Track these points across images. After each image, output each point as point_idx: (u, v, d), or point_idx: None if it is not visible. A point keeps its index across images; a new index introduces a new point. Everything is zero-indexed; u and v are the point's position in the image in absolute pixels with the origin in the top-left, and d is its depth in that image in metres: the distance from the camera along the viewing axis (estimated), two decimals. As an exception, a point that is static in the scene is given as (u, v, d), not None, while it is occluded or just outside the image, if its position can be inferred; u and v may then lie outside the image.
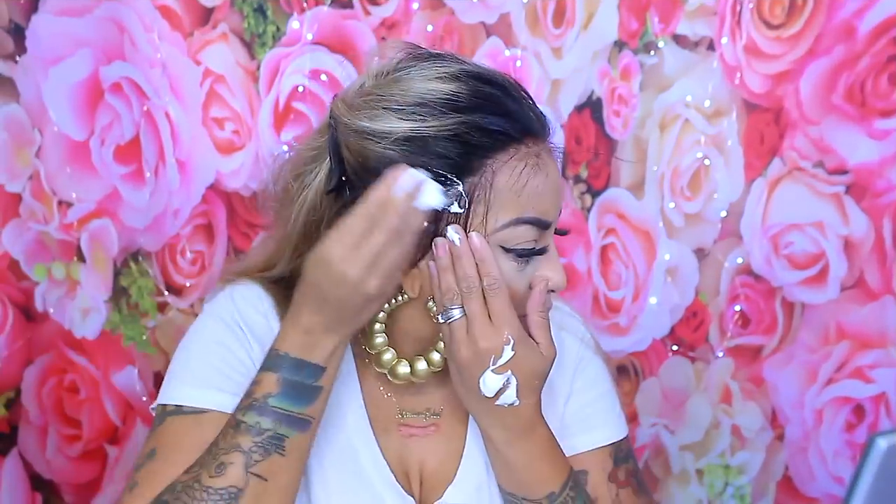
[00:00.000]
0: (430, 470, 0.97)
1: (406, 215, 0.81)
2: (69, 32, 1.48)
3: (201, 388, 0.90)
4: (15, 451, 1.59)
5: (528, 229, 0.87)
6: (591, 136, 1.63)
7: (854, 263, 1.68)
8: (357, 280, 0.81)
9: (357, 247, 0.81)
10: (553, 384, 0.98)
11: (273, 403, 0.82)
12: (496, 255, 0.87)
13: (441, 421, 0.98)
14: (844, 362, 1.72)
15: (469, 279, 0.85)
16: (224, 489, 0.80)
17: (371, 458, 0.95)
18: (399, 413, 0.97)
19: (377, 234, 0.81)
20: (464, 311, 0.86)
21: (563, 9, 1.58)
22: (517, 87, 0.90)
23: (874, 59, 1.60)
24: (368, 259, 0.81)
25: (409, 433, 0.97)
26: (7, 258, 1.52)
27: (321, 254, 0.82)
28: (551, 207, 0.89)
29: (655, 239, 1.67)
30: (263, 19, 1.52)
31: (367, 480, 0.94)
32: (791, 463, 1.77)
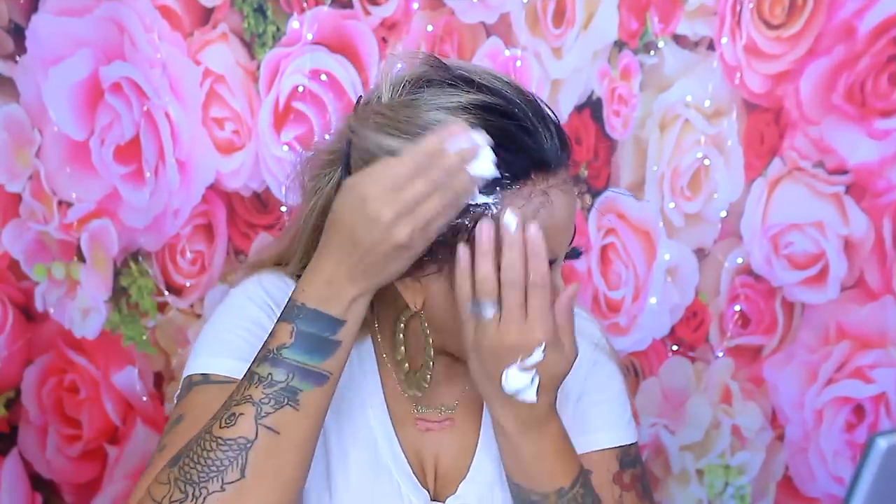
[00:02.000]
0: (445, 465, 0.98)
1: (455, 173, 0.78)
2: (69, 32, 1.48)
3: (229, 358, 0.89)
4: (15, 451, 1.59)
5: None
6: (591, 136, 1.63)
7: (854, 263, 1.68)
8: (389, 223, 0.76)
9: (397, 189, 0.77)
10: (565, 384, 0.97)
11: (287, 355, 0.79)
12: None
13: (456, 415, 0.99)
14: (844, 362, 1.72)
15: (516, 270, 0.82)
16: (233, 439, 0.78)
17: (390, 450, 0.96)
18: (415, 407, 0.98)
19: (420, 183, 0.77)
20: (497, 308, 0.83)
21: (563, 9, 1.58)
22: (535, 113, 0.85)
23: (874, 59, 1.60)
24: (405, 204, 0.76)
25: (425, 427, 0.98)
26: (7, 258, 1.52)
27: (357, 190, 0.78)
28: (555, 246, 0.85)
29: (655, 239, 1.67)
30: (263, 19, 1.52)
31: (385, 470, 0.95)
32: (791, 463, 1.77)
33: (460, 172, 0.78)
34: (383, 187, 0.77)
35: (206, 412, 0.83)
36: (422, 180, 0.77)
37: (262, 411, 0.78)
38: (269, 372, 0.79)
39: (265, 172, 1.56)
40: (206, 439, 0.79)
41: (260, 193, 1.57)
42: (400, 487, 0.96)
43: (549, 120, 0.86)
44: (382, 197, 0.76)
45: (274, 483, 0.78)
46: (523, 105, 0.84)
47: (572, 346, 0.87)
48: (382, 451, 0.96)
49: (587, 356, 1.02)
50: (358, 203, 0.78)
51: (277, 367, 0.79)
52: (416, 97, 0.85)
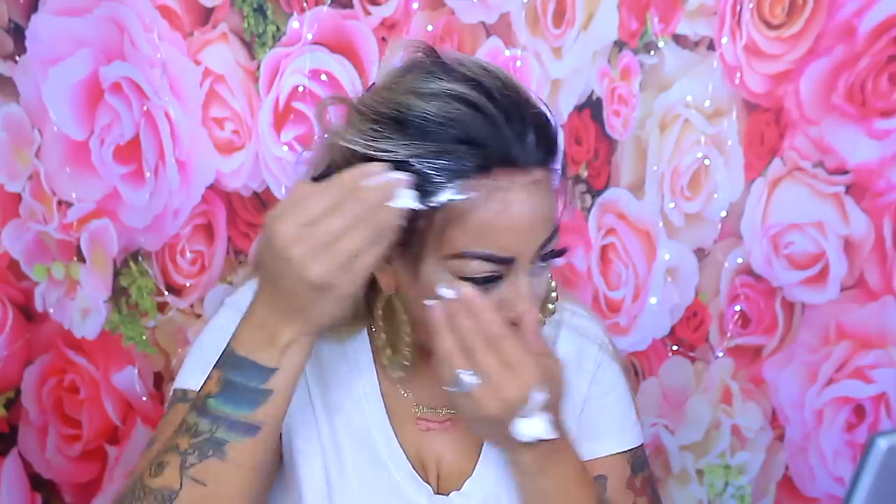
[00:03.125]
0: (448, 464, 0.98)
1: (375, 208, 0.75)
2: (69, 32, 1.48)
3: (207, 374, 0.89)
4: (15, 451, 1.59)
5: (481, 263, 0.83)
6: (591, 136, 1.63)
7: (854, 263, 1.68)
8: (301, 261, 0.73)
9: (309, 225, 0.74)
10: (570, 389, 0.97)
11: (212, 405, 0.77)
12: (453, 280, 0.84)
13: (457, 416, 0.98)
14: (844, 362, 1.72)
15: (472, 333, 0.80)
16: (158, 490, 0.75)
17: (387, 447, 0.95)
18: (415, 407, 0.98)
19: (336, 218, 0.74)
20: (475, 374, 0.80)
21: (563, 9, 1.58)
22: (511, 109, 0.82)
23: (874, 59, 1.60)
24: (319, 242, 0.73)
25: (426, 427, 0.98)
26: (7, 258, 1.52)
27: (269, 228, 0.75)
28: (514, 244, 0.83)
29: (655, 239, 1.67)
30: (263, 19, 1.52)
31: (383, 467, 0.95)
32: (791, 463, 1.77)
33: (381, 207, 0.76)
34: (294, 224, 0.74)
35: None
36: (338, 215, 0.74)
37: (186, 462, 0.76)
38: (195, 421, 0.77)
39: (265, 172, 1.56)
40: (137, 487, 0.77)
41: (260, 193, 1.57)
42: (399, 484, 0.95)
43: (529, 118, 0.84)
44: (292, 234, 0.73)
45: None
46: (500, 99, 0.82)
47: (556, 360, 0.86)
48: (380, 448, 0.95)
49: (591, 358, 1.01)
50: (269, 241, 0.75)
51: (203, 416, 0.77)
52: (397, 81, 0.85)
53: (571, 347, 1.01)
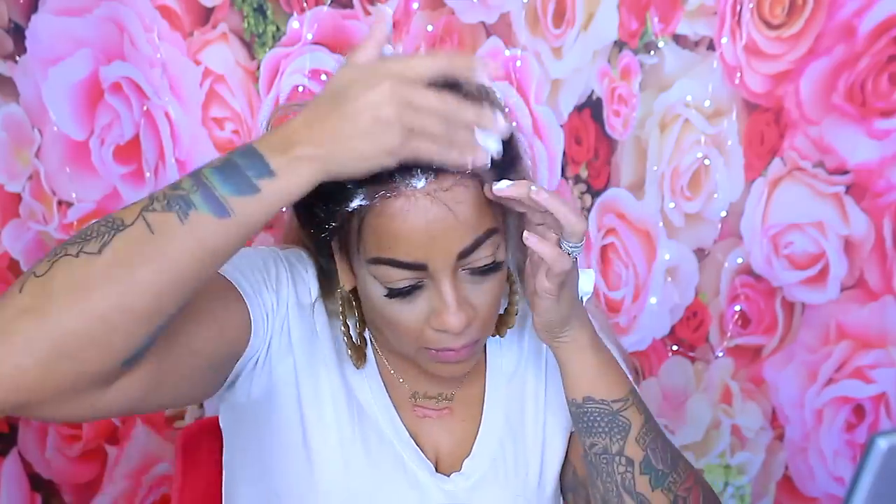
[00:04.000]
0: (446, 451, 1.00)
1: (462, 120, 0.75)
2: (69, 32, 1.48)
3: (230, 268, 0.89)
4: (15, 451, 1.59)
5: (395, 270, 0.84)
6: (591, 136, 1.63)
7: (854, 263, 1.68)
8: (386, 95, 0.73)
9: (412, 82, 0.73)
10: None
11: (206, 172, 0.75)
12: (374, 288, 0.87)
13: (454, 405, 1.01)
14: (844, 362, 1.72)
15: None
16: (113, 218, 0.74)
17: (391, 425, 0.97)
18: (412, 396, 1.00)
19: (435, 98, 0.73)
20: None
21: (563, 9, 1.58)
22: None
23: (874, 59, 1.60)
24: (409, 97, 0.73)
25: (423, 414, 1.00)
26: (7, 258, 1.52)
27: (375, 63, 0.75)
28: (419, 251, 0.83)
29: (655, 239, 1.67)
30: (263, 19, 1.52)
31: (388, 443, 0.97)
32: (791, 463, 1.77)
33: (468, 128, 0.75)
34: (401, 69, 0.74)
35: None
36: (440, 97, 0.74)
37: (151, 205, 0.74)
38: (182, 179, 0.76)
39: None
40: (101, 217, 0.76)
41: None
42: (403, 460, 0.97)
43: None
44: (396, 76, 0.73)
45: (122, 276, 0.72)
46: None
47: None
48: (383, 425, 0.97)
49: None
50: (366, 69, 0.74)
51: (192, 177, 0.75)
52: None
53: None
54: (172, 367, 0.81)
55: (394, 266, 0.84)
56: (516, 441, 1.01)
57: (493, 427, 1.00)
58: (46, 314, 0.71)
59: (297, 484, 0.96)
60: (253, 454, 0.98)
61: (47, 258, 0.73)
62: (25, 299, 0.71)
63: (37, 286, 0.72)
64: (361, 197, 0.82)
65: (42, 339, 0.70)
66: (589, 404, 0.92)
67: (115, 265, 0.72)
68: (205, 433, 1.18)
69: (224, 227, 0.74)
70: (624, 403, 0.92)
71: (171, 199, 0.74)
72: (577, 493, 1.03)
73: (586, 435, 0.93)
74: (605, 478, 0.92)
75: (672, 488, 0.93)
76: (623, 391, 0.93)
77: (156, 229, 0.73)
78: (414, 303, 0.87)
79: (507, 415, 1.01)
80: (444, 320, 0.86)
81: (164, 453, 1.62)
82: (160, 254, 0.73)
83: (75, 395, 0.73)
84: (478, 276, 0.87)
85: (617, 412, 0.92)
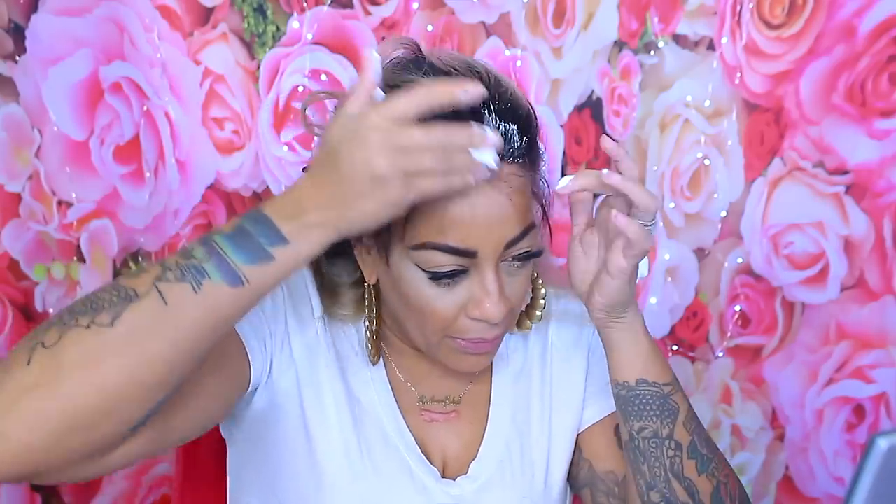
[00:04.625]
0: (452, 454, 0.99)
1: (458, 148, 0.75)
2: (69, 32, 1.48)
3: None
4: (15, 452, 1.59)
5: (443, 255, 0.84)
6: (591, 136, 1.63)
7: (854, 263, 1.68)
8: (373, 149, 0.72)
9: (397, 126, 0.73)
10: (571, 362, 1.03)
11: (217, 240, 0.74)
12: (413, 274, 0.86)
13: (461, 408, 1.01)
14: (844, 362, 1.72)
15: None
16: (125, 287, 0.73)
17: (397, 430, 0.97)
18: (419, 400, 0.99)
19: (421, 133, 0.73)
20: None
21: (563, 9, 1.58)
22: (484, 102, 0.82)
23: (874, 59, 1.60)
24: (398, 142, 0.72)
25: (430, 418, 0.99)
26: (7, 258, 1.52)
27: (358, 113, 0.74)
28: (474, 237, 0.84)
29: (655, 239, 1.67)
30: (263, 19, 1.52)
31: (394, 449, 0.96)
32: (791, 463, 1.77)
33: (463, 149, 0.75)
34: (383, 116, 0.73)
35: None
36: (425, 131, 0.73)
37: (164, 276, 0.74)
38: (192, 246, 0.75)
39: (265, 172, 1.56)
40: (109, 284, 0.75)
41: (260, 193, 1.57)
42: (409, 466, 0.96)
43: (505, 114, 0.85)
44: (377, 123, 0.73)
45: (135, 349, 0.71)
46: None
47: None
48: (389, 431, 0.97)
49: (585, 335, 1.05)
50: (353, 123, 0.74)
51: (202, 245, 0.75)
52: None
53: (568, 332, 1.05)
54: (180, 421, 0.82)
55: (443, 251, 0.84)
56: (522, 442, 1.01)
57: (499, 428, 1.00)
58: (57, 389, 0.70)
59: (304, 493, 0.96)
60: (258, 464, 0.98)
61: (56, 327, 0.73)
62: (34, 373, 0.71)
63: (46, 358, 0.71)
64: None
65: (53, 416, 0.70)
66: (642, 387, 0.92)
67: (128, 338, 0.72)
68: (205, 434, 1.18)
69: (237, 295, 0.74)
70: (673, 387, 0.93)
71: (184, 269, 0.74)
72: (596, 486, 1.02)
73: (636, 418, 0.93)
74: (654, 462, 0.92)
75: (715, 473, 0.94)
76: (670, 375, 0.94)
77: (169, 300, 0.73)
78: (454, 290, 0.87)
79: (514, 415, 1.01)
80: (484, 309, 0.86)
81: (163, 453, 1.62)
82: (173, 326, 0.73)
83: (82, 461, 0.74)
84: (517, 266, 0.88)
85: (667, 395, 0.93)
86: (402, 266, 0.87)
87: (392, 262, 0.88)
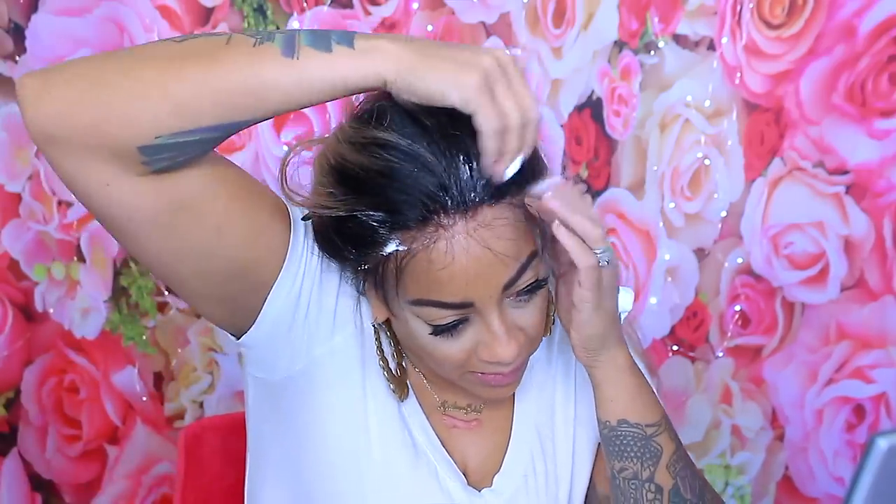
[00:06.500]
0: (475, 463, 0.98)
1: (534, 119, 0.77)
2: (69, 32, 1.48)
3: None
4: (15, 451, 1.59)
5: (439, 310, 0.82)
6: (591, 136, 1.63)
7: (854, 263, 1.68)
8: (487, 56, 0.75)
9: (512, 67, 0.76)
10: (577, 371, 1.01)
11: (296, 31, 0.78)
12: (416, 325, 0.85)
13: (483, 417, 0.99)
14: (844, 362, 1.72)
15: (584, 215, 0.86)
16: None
17: (425, 435, 0.95)
18: (440, 405, 0.97)
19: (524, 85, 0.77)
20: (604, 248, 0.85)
21: (563, 9, 1.58)
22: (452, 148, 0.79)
23: (874, 59, 1.60)
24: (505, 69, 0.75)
25: (452, 423, 0.98)
26: (7, 258, 1.52)
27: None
28: (464, 291, 0.81)
29: (655, 239, 1.67)
30: (263, 19, 1.52)
31: (422, 453, 0.95)
32: (791, 463, 1.77)
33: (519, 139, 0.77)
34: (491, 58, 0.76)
35: None
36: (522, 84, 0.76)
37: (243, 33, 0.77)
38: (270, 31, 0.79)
39: (265, 172, 1.56)
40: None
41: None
42: (437, 470, 0.95)
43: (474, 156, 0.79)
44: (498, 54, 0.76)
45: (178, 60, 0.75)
46: (438, 141, 0.79)
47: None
48: (416, 433, 0.95)
49: None
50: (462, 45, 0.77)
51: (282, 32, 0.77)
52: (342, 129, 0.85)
53: None
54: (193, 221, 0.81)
55: (438, 307, 0.82)
56: (546, 456, 0.99)
57: (523, 441, 0.98)
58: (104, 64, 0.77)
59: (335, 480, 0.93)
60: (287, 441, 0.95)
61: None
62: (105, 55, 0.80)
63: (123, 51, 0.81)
64: (397, 243, 0.80)
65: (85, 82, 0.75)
66: (623, 427, 0.90)
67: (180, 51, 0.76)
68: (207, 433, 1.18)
69: (284, 64, 0.75)
70: (657, 429, 0.90)
71: (260, 33, 0.77)
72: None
73: (617, 459, 0.91)
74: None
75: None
76: (657, 416, 0.91)
77: (231, 42, 0.76)
78: (460, 338, 0.85)
79: (538, 428, 0.99)
80: (494, 352, 0.84)
81: (164, 453, 1.62)
82: (219, 60, 0.75)
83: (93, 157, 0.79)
84: (523, 299, 0.85)
85: (650, 437, 0.90)
86: (406, 318, 0.85)
87: (396, 314, 0.86)
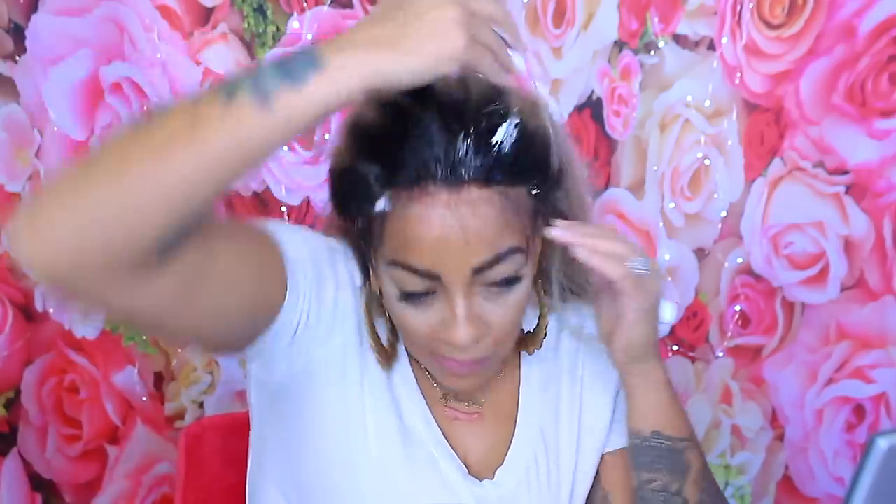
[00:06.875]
0: (475, 457, 0.98)
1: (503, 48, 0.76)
2: (69, 32, 1.48)
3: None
4: (15, 451, 1.59)
5: (410, 276, 0.83)
6: (591, 135, 1.63)
7: (854, 263, 1.68)
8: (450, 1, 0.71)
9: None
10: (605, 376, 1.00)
11: (263, 64, 0.72)
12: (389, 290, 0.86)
13: (485, 410, 0.98)
14: (844, 362, 1.72)
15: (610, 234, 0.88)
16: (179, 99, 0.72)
17: (423, 421, 0.95)
18: (442, 397, 0.97)
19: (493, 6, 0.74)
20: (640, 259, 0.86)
21: (563, 9, 1.58)
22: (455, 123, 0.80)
23: (874, 59, 1.60)
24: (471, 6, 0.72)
25: (453, 415, 0.97)
26: (7, 258, 1.52)
27: None
28: (433, 260, 0.81)
29: (655, 239, 1.67)
30: (263, 19, 1.52)
31: (421, 443, 0.94)
32: (791, 463, 1.77)
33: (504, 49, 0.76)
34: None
35: None
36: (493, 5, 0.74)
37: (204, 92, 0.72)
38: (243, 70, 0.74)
39: (265, 172, 1.56)
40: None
41: (260, 193, 1.57)
42: (438, 462, 0.95)
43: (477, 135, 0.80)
44: None
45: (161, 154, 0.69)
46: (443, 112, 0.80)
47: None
48: (417, 424, 0.95)
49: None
50: None
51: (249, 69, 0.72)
52: None
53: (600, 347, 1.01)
54: (206, 286, 0.77)
55: (408, 271, 0.83)
56: (549, 455, 0.99)
57: (527, 437, 0.98)
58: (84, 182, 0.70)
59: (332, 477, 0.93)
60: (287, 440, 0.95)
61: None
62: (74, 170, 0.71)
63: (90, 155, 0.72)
64: (385, 200, 0.81)
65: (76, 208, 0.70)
66: (655, 439, 0.92)
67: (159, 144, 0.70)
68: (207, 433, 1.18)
69: (264, 119, 0.70)
70: (688, 443, 0.92)
71: (222, 85, 0.71)
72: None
73: (647, 470, 0.92)
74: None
75: None
76: (688, 430, 0.93)
77: (200, 111, 0.70)
78: (425, 310, 0.85)
79: (542, 427, 0.99)
80: (451, 333, 0.84)
81: (164, 453, 1.62)
82: (201, 139, 0.69)
83: (108, 277, 0.71)
84: (496, 291, 0.85)
85: (681, 451, 0.92)
86: (383, 279, 0.86)
87: (378, 275, 0.87)
